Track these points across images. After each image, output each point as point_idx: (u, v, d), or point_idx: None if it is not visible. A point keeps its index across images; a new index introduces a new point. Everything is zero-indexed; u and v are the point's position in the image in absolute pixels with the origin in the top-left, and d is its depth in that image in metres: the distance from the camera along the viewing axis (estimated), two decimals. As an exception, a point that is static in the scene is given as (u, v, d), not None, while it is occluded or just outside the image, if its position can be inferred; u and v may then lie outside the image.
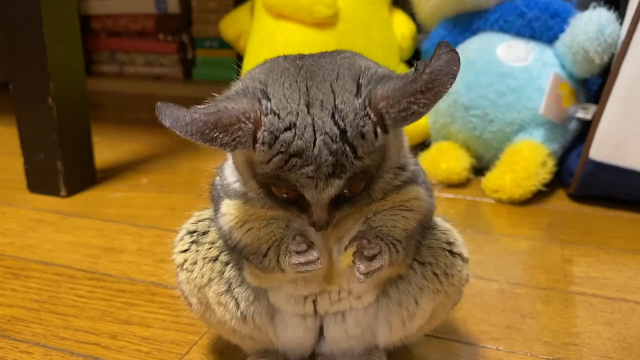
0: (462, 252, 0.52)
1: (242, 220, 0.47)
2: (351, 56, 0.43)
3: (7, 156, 1.24)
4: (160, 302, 0.70)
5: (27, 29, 0.96)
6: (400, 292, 0.51)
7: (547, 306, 0.71)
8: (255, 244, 0.47)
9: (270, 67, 0.43)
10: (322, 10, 1.15)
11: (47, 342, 0.63)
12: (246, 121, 0.39)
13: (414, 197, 0.48)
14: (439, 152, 1.13)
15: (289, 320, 0.52)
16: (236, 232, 0.47)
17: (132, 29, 1.96)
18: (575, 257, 0.83)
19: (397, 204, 0.47)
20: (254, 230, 0.47)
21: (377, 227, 0.46)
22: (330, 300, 0.50)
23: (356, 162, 0.40)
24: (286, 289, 0.49)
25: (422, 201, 0.48)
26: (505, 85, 1.08)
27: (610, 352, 0.62)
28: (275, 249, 0.46)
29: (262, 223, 0.47)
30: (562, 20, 1.08)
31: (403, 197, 0.47)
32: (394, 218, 0.47)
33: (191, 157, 1.27)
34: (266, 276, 0.49)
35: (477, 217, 0.99)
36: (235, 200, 0.48)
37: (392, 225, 0.46)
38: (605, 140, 0.96)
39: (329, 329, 0.52)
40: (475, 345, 0.63)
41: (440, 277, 0.51)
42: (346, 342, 0.53)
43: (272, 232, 0.46)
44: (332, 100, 0.40)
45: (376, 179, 0.44)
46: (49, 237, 0.88)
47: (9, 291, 0.73)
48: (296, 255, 0.45)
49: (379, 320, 0.52)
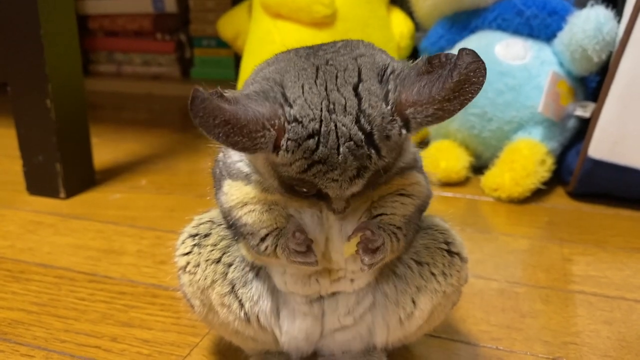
0: (461, 251, 0.52)
1: (242, 202, 0.48)
2: (367, 52, 0.43)
3: (5, 158, 1.24)
4: (161, 304, 0.71)
5: (24, 31, 0.96)
6: (397, 292, 0.51)
7: (547, 305, 0.71)
8: (255, 226, 0.47)
9: (285, 67, 0.42)
10: (319, 9, 1.15)
11: (48, 345, 0.63)
12: (270, 128, 0.38)
13: (415, 182, 0.49)
14: (438, 151, 1.13)
15: (297, 309, 0.51)
16: (236, 211, 0.48)
17: (129, 28, 1.96)
18: (575, 255, 0.84)
19: (399, 189, 0.48)
20: (256, 213, 0.47)
21: (377, 216, 0.47)
22: (330, 278, 0.50)
23: (379, 162, 0.41)
24: (291, 269, 0.50)
25: (422, 186, 0.50)
26: (503, 83, 1.08)
27: (609, 351, 0.62)
28: (274, 239, 0.47)
29: (263, 207, 0.47)
30: (560, 18, 1.08)
31: (405, 182, 0.49)
32: (393, 205, 0.48)
33: (190, 157, 1.27)
34: (259, 257, 0.49)
35: (476, 216, 0.99)
36: (237, 182, 0.48)
37: (391, 213, 0.47)
38: (604, 138, 0.96)
39: (327, 316, 0.52)
40: (475, 344, 0.63)
41: (438, 277, 0.51)
42: (342, 335, 0.53)
43: (273, 219, 0.47)
44: (357, 104, 0.40)
45: (393, 168, 0.45)
46: (48, 240, 0.88)
47: (9, 294, 0.73)
48: (295, 254, 0.45)
49: (377, 319, 0.52)
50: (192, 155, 1.29)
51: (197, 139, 1.43)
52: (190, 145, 1.37)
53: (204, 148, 1.32)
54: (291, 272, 0.50)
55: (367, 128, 0.39)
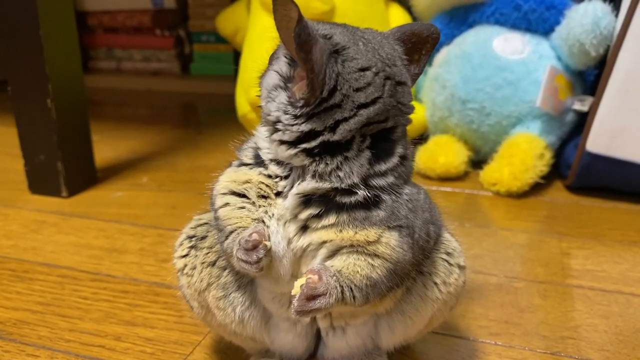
0: (459, 261, 0.53)
1: (225, 188, 0.48)
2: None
3: (7, 157, 1.25)
4: (164, 302, 0.71)
5: (24, 31, 0.96)
6: (402, 302, 0.51)
7: (545, 300, 0.72)
8: (225, 222, 0.47)
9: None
10: (318, 6, 1.15)
11: (52, 345, 0.64)
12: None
13: (375, 241, 0.44)
14: (437, 146, 1.13)
15: (280, 325, 0.53)
16: (218, 200, 0.48)
17: (128, 24, 1.96)
18: (573, 249, 0.84)
19: (356, 244, 0.44)
20: (229, 208, 0.47)
21: (339, 267, 0.44)
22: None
23: None
24: (263, 283, 0.50)
25: (389, 248, 0.44)
26: (502, 78, 1.08)
27: (607, 345, 0.63)
28: (235, 236, 0.46)
29: (237, 202, 0.47)
30: (557, 13, 1.09)
31: (361, 238, 0.44)
32: (356, 262, 0.44)
33: (190, 154, 1.28)
34: (226, 256, 0.49)
35: (475, 210, 1.00)
36: (236, 169, 0.49)
37: (353, 270, 0.44)
38: (602, 132, 0.97)
39: (328, 339, 0.53)
40: (474, 340, 0.64)
41: (439, 285, 0.51)
42: (348, 350, 0.54)
43: (240, 218, 0.46)
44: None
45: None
46: (51, 239, 0.89)
47: (13, 294, 0.74)
48: (241, 250, 0.44)
49: (382, 327, 0.53)
50: (192, 151, 1.29)
51: (197, 136, 1.43)
52: (190, 141, 1.38)
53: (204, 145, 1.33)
54: (265, 287, 0.50)
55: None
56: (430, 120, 1.20)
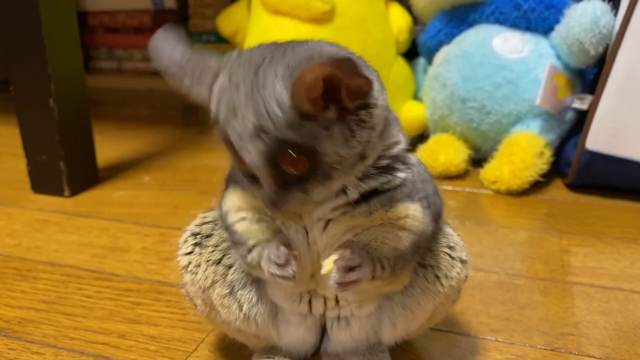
0: (461, 255, 0.54)
1: (237, 207, 0.48)
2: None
3: (10, 156, 1.25)
4: (167, 300, 0.72)
5: (26, 32, 0.97)
6: (404, 295, 0.52)
7: (545, 297, 0.72)
8: (244, 236, 0.48)
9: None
10: (318, 5, 1.15)
11: (57, 343, 0.64)
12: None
13: (405, 216, 0.46)
14: (437, 145, 1.14)
15: (291, 319, 0.53)
16: (231, 216, 0.49)
17: (129, 24, 1.97)
18: (573, 247, 0.85)
19: (387, 221, 0.46)
20: (247, 222, 0.48)
21: (366, 241, 0.46)
22: (325, 305, 0.51)
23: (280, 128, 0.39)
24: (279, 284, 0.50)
25: (417, 220, 0.46)
26: (501, 77, 1.09)
27: (606, 341, 0.64)
28: (260, 250, 0.47)
29: (254, 217, 0.48)
30: (557, 12, 1.09)
31: (392, 215, 0.46)
32: (385, 235, 0.46)
33: (191, 153, 1.28)
34: (248, 268, 0.50)
35: (475, 209, 1.01)
36: (237, 189, 0.49)
37: (382, 242, 0.46)
38: (602, 130, 0.97)
39: (333, 332, 0.53)
40: (475, 337, 0.64)
41: (441, 279, 0.52)
42: (351, 343, 0.54)
43: (261, 230, 0.48)
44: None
45: (334, 166, 0.42)
46: (54, 238, 0.89)
47: (18, 293, 0.74)
48: (274, 266, 0.45)
49: (384, 321, 0.53)
50: (193, 151, 1.30)
51: (198, 135, 1.44)
52: (191, 141, 1.38)
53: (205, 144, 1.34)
54: (280, 287, 0.51)
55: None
56: (430, 119, 1.20)
